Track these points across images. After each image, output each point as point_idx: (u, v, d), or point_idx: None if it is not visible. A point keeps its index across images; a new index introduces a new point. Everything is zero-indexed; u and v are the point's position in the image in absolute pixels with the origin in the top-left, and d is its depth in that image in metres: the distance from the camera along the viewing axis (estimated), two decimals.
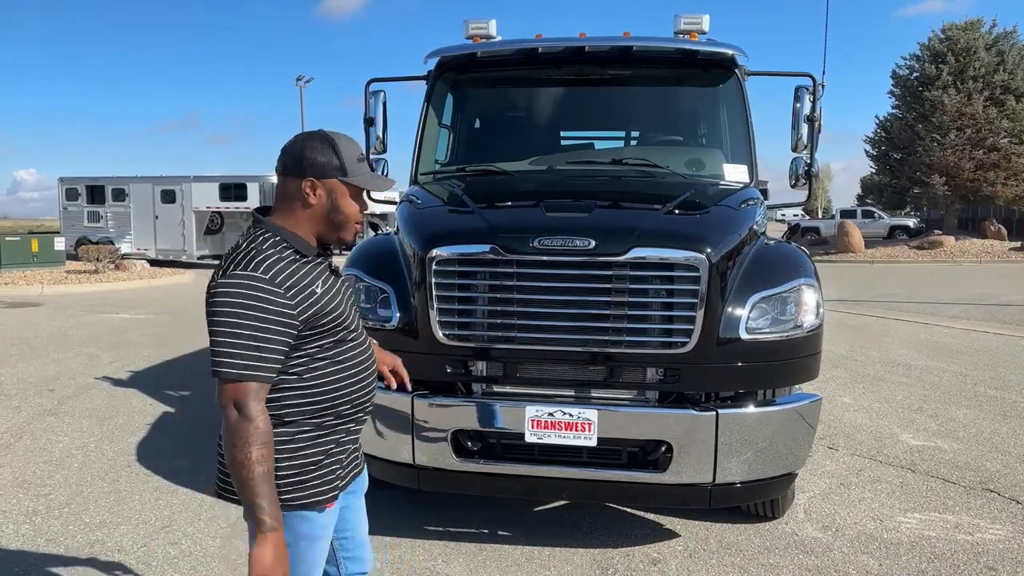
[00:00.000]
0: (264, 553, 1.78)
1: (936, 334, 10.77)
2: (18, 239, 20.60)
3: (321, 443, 1.99)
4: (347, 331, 2.02)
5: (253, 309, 1.80)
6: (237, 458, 1.78)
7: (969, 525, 4.20)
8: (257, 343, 1.80)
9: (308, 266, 1.94)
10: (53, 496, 4.62)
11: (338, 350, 1.99)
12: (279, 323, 1.83)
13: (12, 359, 8.87)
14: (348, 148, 1.97)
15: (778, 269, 3.76)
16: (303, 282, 1.89)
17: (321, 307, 1.92)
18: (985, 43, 32.73)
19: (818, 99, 4.76)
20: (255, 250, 1.88)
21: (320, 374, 1.96)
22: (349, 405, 2.03)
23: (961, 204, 35.84)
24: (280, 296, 1.83)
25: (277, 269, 1.86)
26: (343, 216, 1.98)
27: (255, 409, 1.80)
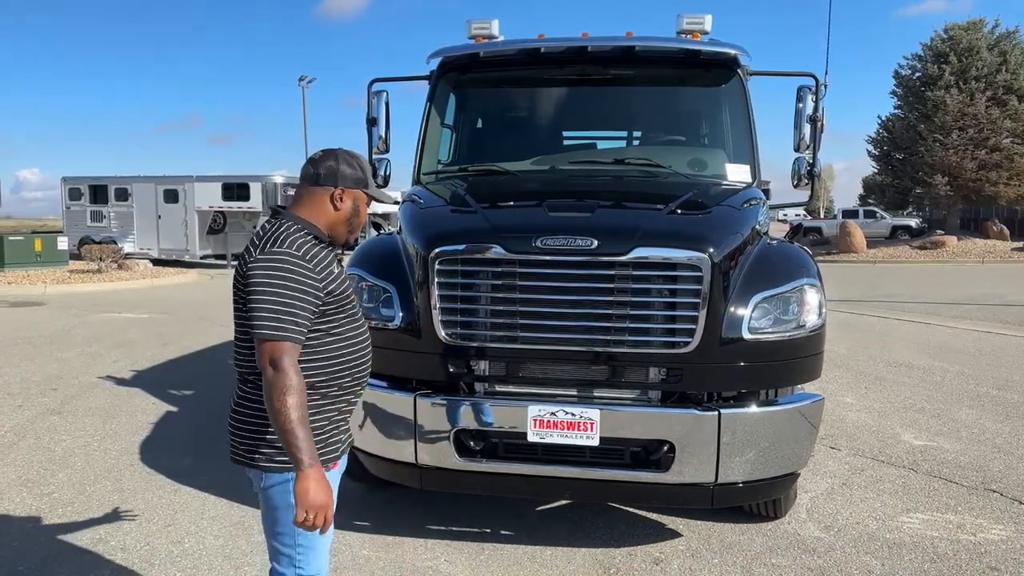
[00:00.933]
0: (306, 486, 2.03)
1: (938, 334, 10.76)
2: (21, 239, 20.64)
3: (326, 411, 2.28)
4: (352, 310, 2.35)
5: (289, 280, 2.12)
6: (275, 407, 2.04)
7: (971, 525, 4.20)
8: (291, 308, 2.11)
9: (325, 250, 2.30)
10: (56, 495, 4.63)
11: (345, 328, 2.31)
12: (309, 292, 2.15)
13: (15, 358, 8.89)
14: (367, 166, 2.40)
15: (780, 269, 3.77)
16: (324, 260, 2.25)
17: (337, 284, 2.26)
18: (988, 43, 32.70)
19: (820, 99, 4.76)
20: (284, 232, 2.21)
21: (331, 348, 2.27)
22: (350, 377, 2.33)
23: (963, 204, 35.79)
24: (310, 270, 2.16)
25: (306, 248, 2.20)
26: (359, 220, 2.38)
27: (288, 364, 2.07)
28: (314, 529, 2.09)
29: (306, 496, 2.04)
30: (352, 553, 3.82)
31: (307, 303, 2.15)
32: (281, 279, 2.11)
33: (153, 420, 6.30)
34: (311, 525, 2.07)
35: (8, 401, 6.90)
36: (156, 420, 6.31)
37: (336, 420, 2.33)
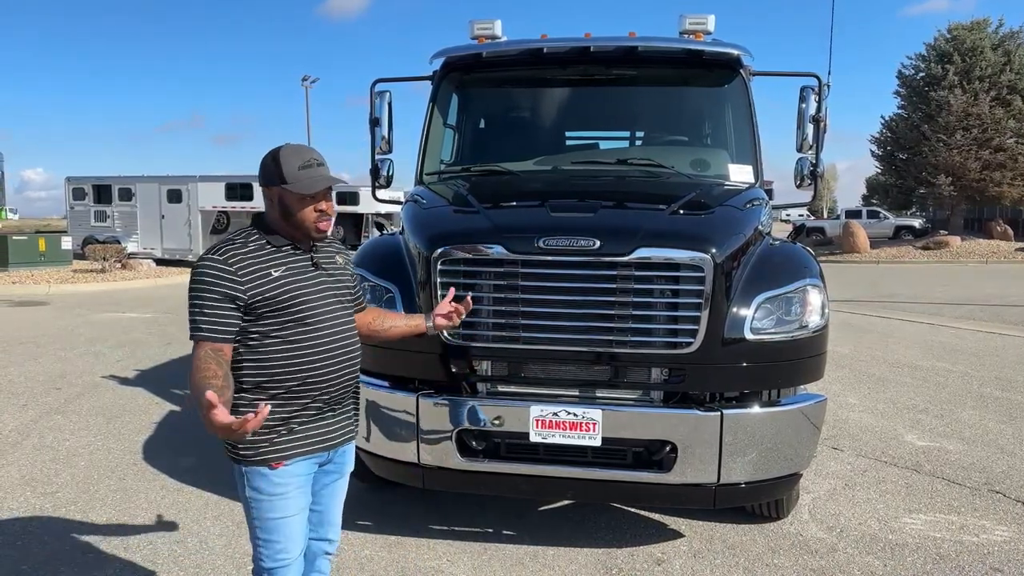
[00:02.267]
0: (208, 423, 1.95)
1: (942, 335, 10.74)
2: (25, 238, 20.70)
3: (273, 411, 2.26)
4: (307, 315, 2.31)
5: (204, 283, 2.21)
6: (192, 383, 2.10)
7: (975, 526, 4.19)
8: (204, 309, 2.19)
9: (276, 255, 2.30)
10: (60, 494, 4.64)
11: (289, 332, 2.29)
12: (222, 294, 2.19)
13: (19, 358, 8.91)
14: (291, 158, 2.29)
15: (783, 269, 3.76)
16: (257, 264, 2.25)
17: (272, 287, 2.25)
18: (992, 43, 32.63)
19: (823, 99, 4.75)
20: (227, 239, 2.31)
21: (270, 351, 2.28)
22: (298, 382, 2.31)
23: (967, 204, 35.71)
24: (228, 273, 2.20)
25: (232, 252, 2.24)
26: (297, 218, 2.31)
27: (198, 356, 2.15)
28: None
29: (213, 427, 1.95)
30: (354, 553, 3.83)
31: (220, 304, 2.19)
32: (197, 282, 2.22)
33: (156, 420, 6.32)
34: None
35: (12, 400, 6.92)
36: (159, 420, 6.32)
37: (286, 421, 2.32)
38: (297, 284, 2.30)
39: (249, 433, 1.96)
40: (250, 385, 2.28)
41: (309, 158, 2.30)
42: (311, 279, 2.35)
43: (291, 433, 2.33)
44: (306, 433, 2.37)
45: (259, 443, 2.29)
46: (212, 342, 2.18)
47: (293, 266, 2.32)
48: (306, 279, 2.33)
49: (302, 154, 2.31)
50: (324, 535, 2.63)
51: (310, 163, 2.29)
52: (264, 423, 2.18)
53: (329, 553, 2.67)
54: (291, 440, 2.34)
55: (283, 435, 2.32)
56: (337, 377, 2.38)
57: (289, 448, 2.33)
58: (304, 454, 2.37)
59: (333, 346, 2.36)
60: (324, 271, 2.41)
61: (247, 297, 2.22)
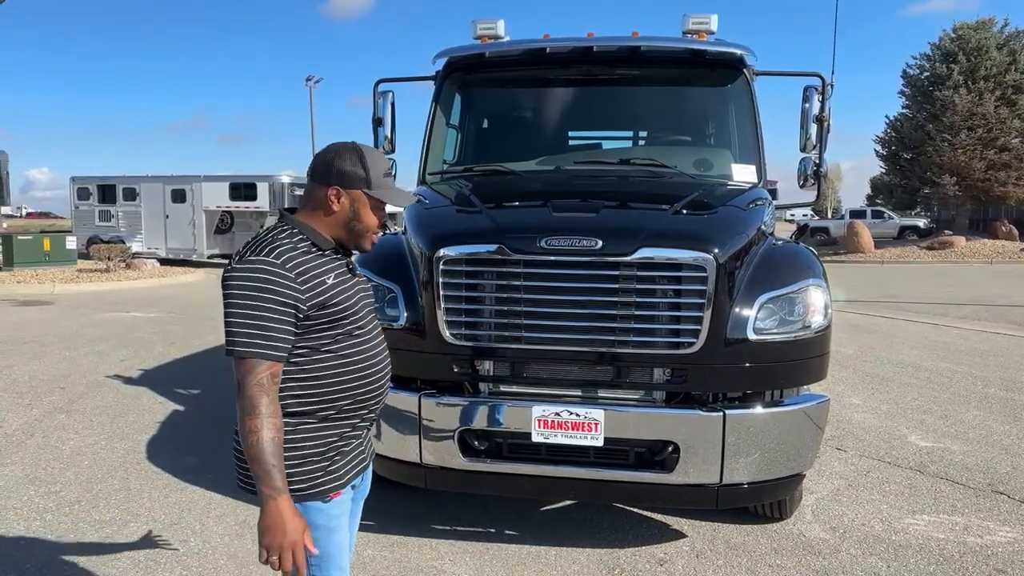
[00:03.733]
0: (265, 523, 1.87)
1: (946, 335, 10.71)
2: (30, 238, 20.77)
3: (323, 436, 2.06)
4: (355, 327, 2.08)
5: (262, 291, 1.91)
6: (242, 429, 1.89)
7: (978, 527, 4.18)
8: (262, 323, 1.90)
9: (323, 259, 2.05)
10: (63, 493, 4.65)
11: (341, 345, 2.05)
12: (286, 305, 1.93)
13: (24, 357, 8.94)
14: (376, 162, 2.09)
15: (786, 269, 3.75)
16: (313, 271, 1.99)
17: (330, 296, 2.00)
18: (997, 42, 32.52)
19: (827, 99, 4.74)
20: (271, 239, 2.02)
21: (321, 367, 2.03)
22: (351, 400, 2.08)
23: (972, 204, 35.61)
24: (289, 280, 1.93)
25: (288, 256, 1.97)
26: (362, 226, 2.10)
27: (252, 383, 1.89)
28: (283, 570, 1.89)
29: (264, 534, 1.87)
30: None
31: (282, 317, 1.92)
32: (254, 290, 1.91)
33: (160, 419, 6.33)
34: (276, 566, 1.88)
35: (16, 400, 6.94)
36: (163, 419, 6.34)
37: (337, 446, 2.09)
38: (347, 292, 2.07)
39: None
40: (296, 408, 2.01)
41: (391, 166, 2.17)
42: (353, 286, 2.12)
43: (343, 457, 2.11)
44: (353, 456, 2.16)
45: (312, 473, 2.03)
46: (271, 361, 1.91)
47: (340, 273, 2.07)
48: (351, 286, 2.10)
49: (385, 161, 2.15)
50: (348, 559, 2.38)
51: (392, 172, 2.15)
52: (316, 449, 2.04)
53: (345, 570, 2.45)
54: (344, 465, 2.11)
55: (337, 461, 2.09)
56: (381, 391, 2.18)
57: (344, 474, 2.11)
58: (354, 477, 2.17)
59: (378, 358, 2.16)
60: (359, 277, 2.20)
61: (306, 307, 1.96)
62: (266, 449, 1.86)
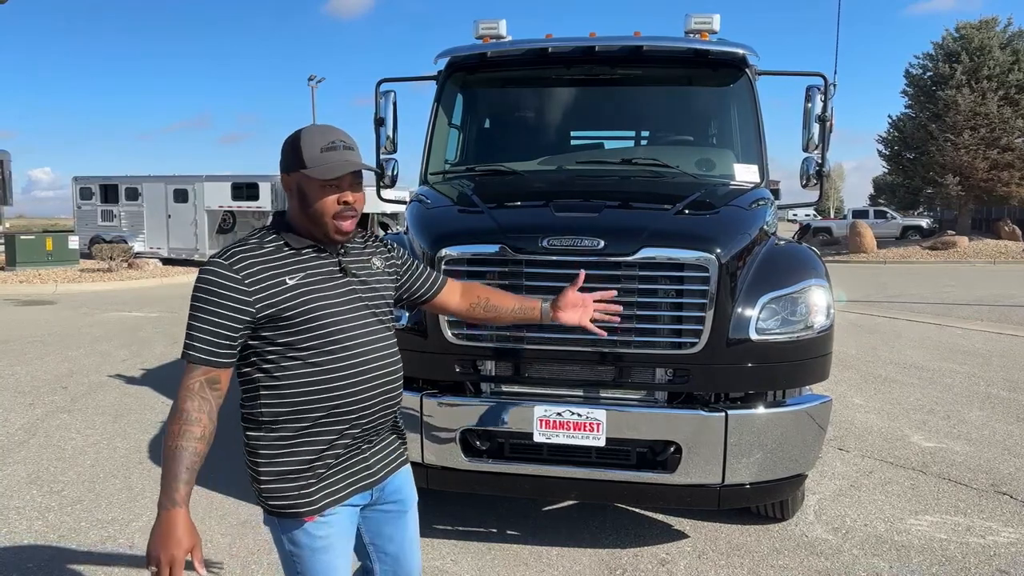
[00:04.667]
0: (153, 529, 1.79)
1: (949, 335, 10.69)
2: (33, 238, 20.78)
3: (299, 451, 1.95)
4: (327, 331, 1.93)
5: (207, 293, 1.86)
6: (166, 432, 1.84)
7: (981, 528, 4.17)
8: (204, 325, 1.85)
9: (294, 258, 1.94)
10: (66, 493, 4.66)
11: (311, 352, 1.92)
12: (228, 308, 1.85)
13: (26, 356, 8.95)
14: (313, 138, 1.93)
15: (788, 270, 3.75)
16: (270, 271, 1.89)
17: (288, 298, 1.89)
18: (1000, 42, 32.44)
19: (829, 98, 4.73)
20: (239, 242, 1.96)
21: (292, 375, 1.92)
22: (324, 412, 1.94)
23: (975, 204, 35.53)
24: (234, 281, 1.85)
25: (241, 257, 1.89)
26: (314, 210, 1.93)
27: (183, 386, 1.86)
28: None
29: (151, 542, 1.77)
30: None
31: (223, 321, 1.84)
32: (201, 292, 1.86)
33: (162, 419, 6.33)
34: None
35: (19, 399, 6.96)
36: (165, 418, 6.33)
37: (315, 466, 1.95)
38: (318, 294, 1.92)
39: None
40: (268, 418, 1.93)
41: (335, 139, 1.93)
42: (337, 288, 1.96)
43: (320, 478, 1.96)
44: (340, 473, 2.00)
45: (287, 491, 1.94)
46: (207, 366, 1.85)
47: (315, 272, 1.94)
48: (330, 288, 1.95)
49: (327, 134, 1.93)
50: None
51: (335, 144, 1.92)
52: (292, 467, 1.94)
53: None
54: (325, 486, 1.97)
55: (313, 482, 1.95)
56: (372, 404, 2.00)
57: (324, 496, 1.97)
58: (342, 499, 2.01)
59: (365, 366, 1.98)
60: (355, 278, 2.02)
61: (255, 311, 1.85)
62: (175, 457, 1.78)
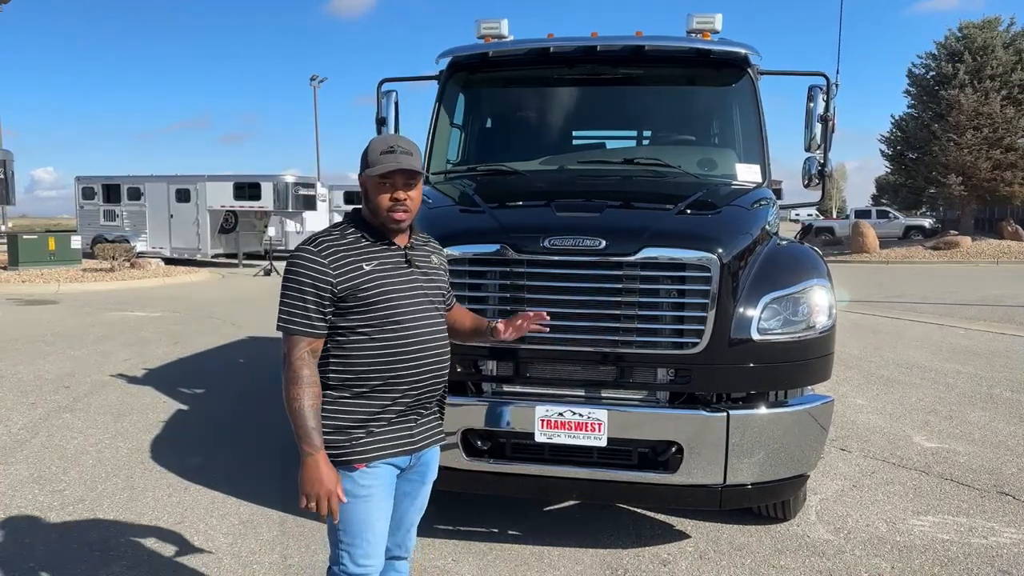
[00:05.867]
0: (303, 474, 2.17)
1: (951, 335, 10.67)
2: (35, 237, 20.82)
3: (357, 410, 2.28)
4: (391, 313, 2.26)
5: (300, 275, 2.20)
6: (285, 396, 2.18)
7: (983, 528, 4.16)
8: (296, 302, 2.20)
9: (370, 248, 2.28)
10: (68, 492, 4.66)
11: (375, 329, 2.25)
12: (319, 286, 2.19)
13: (29, 356, 8.97)
14: (377, 145, 2.27)
15: (790, 270, 3.74)
16: (350, 257, 2.24)
17: (363, 282, 2.22)
18: (1003, 42, 32.39)
19: (832, 98, 4.73)
20: (323, 231, 2.31)
21: (356, 347, 2.26)
22: (381, 381, 2.27)
23: (978, 204, 35.48)
24: (322, 265, 2.20)
25: (327, 244, 2.24)
26: (373, 205, 2.28)
27: (296, 357, 2.19)
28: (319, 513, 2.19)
29: (304, 484, 2.17)
30: None
31: (318, 299, 2.19)
32: (292, 274, 2.21)
33: (164, 418, 6.34)
34: (315, 510, 2.18)
35: (21, 399, 6.96)
36: (167, 418, 6.35)
37: (368, 423, 2.28)
38: (388, 280, 2.26)
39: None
40: (335, 382, 2.27)
41: (393, 144, 2.26)
42: (403, 276, 2.30)
43: (372, 435, 2.29)
44: (389, 435, 2.32)
45: (341, 442, 2.26)
46: (310, 338, 2.20)
47: (386, 261, 2.28)
48: (398, 275, 2.29)
49: (388, 140, 2.29)
50: (400, 541, 2.58)
51: (393, 148, 2.24)
52: (348, 422, 2.26)
53: (404, 558, 2.63)
54: (374, 441, 2.29)
55: (365, 436, 2.28)
56: (422, 378, 2.33)
57: (373, 449, 2.29)
58: (387, 456, 2.32)
59: (419, 346, 2.31)
60: (418, 269, 2.36)
61: (337, 290, 2.20)
62: (306, 414, 2.16)
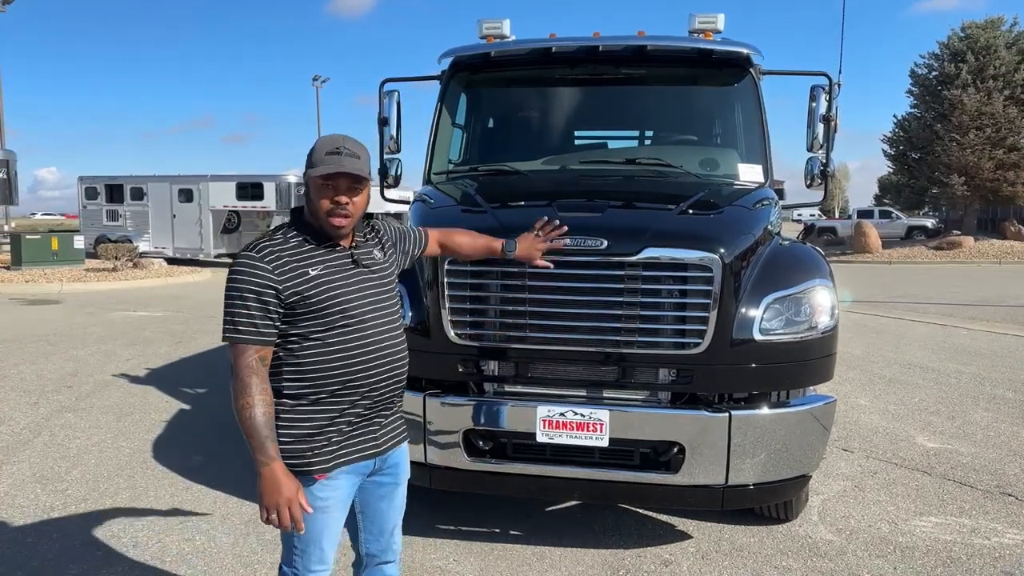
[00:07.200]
0: (261, 486, 2.10)
1: (954, 336, 10.65)
2: (39, 237, 20.85)
3: (315, 417, 2.21)
4: (343, 317, 2.20)
5: (242, 282, 2.11)
6: (234, 408, 2.10)
7: (986, 529, 4.15)
8: (248, 311, 2.10)
9: (314, 251, 2.20)
10: (70, 492, 4.67)
11: (329, 333, 2.19)
12: (265, 293, 2.11)
13: (31, 356, 8.98)
14: (323, 144, 2.18)
15: (792, 270, 3.74)
16: (295, 262, 2.16)
17: (310, 287, 2.15)
18: (1006, 41, 32.35)
19: (834, 98, 4.72)
20: (264, 235, 2.22)
21: (310, 353, 2.18)
22: (340, 386, 2.21)
23: (980, 204, 35.42)
24: (266, 271, 2.11)
25: (270, 250, 2.15)
26: (314, 205, 2.20)
27: (242, 366, 2.10)
28: (281, 527, 2.12)
29: (263, 495, 2.11)
30: None
31: (264, 305, 2.10)
32: (235, 282, 2.12)
33: (166, 418, 6.35)
34: (276, 523, 2.11)
35: (24, 398, 6.98)
36: (169, 418, 6.35)
37: (328, 430, 2.22)
38: (336, 283, 2.19)
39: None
40: (291, 390, 2.19)
41: (339, 145, 2.16)
42: (351, 277, 2.23)
43: (332, 443, 2.22)
44: (350, 441, 2.26)
45: (302, 452, 2.19)
46: (257, 345, 2.11)
47: (332, 264, 2.20)
48: (345, 278, 2.22)
49: (335, 140, 2.18)
50: (385, 545, 2.53)
51: (339, 149, 2.15)
52: (307, 430, 2.19)
53: (392, 562, 2.58)
54: (335, 449, 2.23)
55: (325, 445, 2.21)
56: (382, 380, 2.27)
57: (333, 458, 2.23)
58: (349, 463, 2.27)
59: (376, 346, 2.25)
60: (366, 268, 2.29)
61: (284, 298, 2.12)
62: (259, 424, 2.07)
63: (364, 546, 2.52)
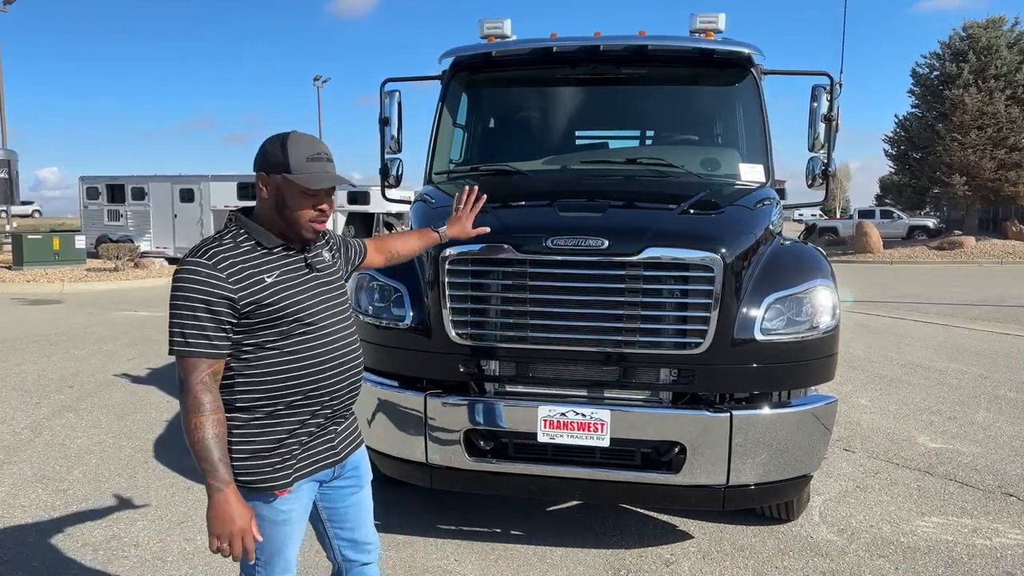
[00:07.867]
0: (211, 513, 1.97)
1: (956, 336, 10.64)
2: (40, 237, 20.86)
3: (273, 431, 2.09)
4: (302, 324, 2.10)
5: (196, 291, 1.96)
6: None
7: (988, 529, 4.15)
8: (200, 322, 1.96)
9: (267, 257, 2.08)
10: (71, 491, 4.67)
11: (288, 342, 2.08)
12: (219, 303, 1.97)
13: (33, 356, 8.99)
14: (299, 146, 2.06)
15: (794, 270, 3.74)
16: (249, 269, 2.02)
17: (267, 295, 2.03)
18: (1007, 41, 32.33)
19: (835, 98, 4.71)
20: (213, 240, 2.06)
21: (268, 363, 2.06)
22: (301, 396, 2.11)
23: (982, 204, 35.41)
24: (220, 279, 1.97)
25: (222, 255, 2.00)
26: (291, 213, 2.08)
27: (195, 381, 1.96)
28: (229, 557, 1.99)
29: (213, 523, 1.97)
30: None
31: (218, 316, 1.96)
32: (184, 290, 1.96)
33: (167, 418, 6.35)
34: (226, 553, 1.98)
35: (25, 398, 6.98)
36: (170, 418, 6.36)
37: (288, 443, 2.11)
38: (292, 290, 2.08)
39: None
40: (245, 403, 2.06)
41: (320, 151, 2.08)
42: (306, 283, 2.13)
43: (293, 457, 2.12)
44: (309, 452, 2.17)
45: (261, 468, 2.07)
46: (210, 359, 1.97)
47: (287, 269, 2.09)
48: (301, 283, 2.11)
49: (313, 145, 2.09)
50: (361, 548, 2.45)
51: (320, 156, 2.07)
52: (266, 445, 2.08)
53: (371, 562, 2.49)
54: (295, 463, 2.13)
55: (284, 458, 2.10)
56: (341, 386, 2.19)
57: (294, 472, 2.12)
58: (312, 473, 2.18)
59: (335, 353, 2.16)
60: (318, 272, 2.20)
61: (240, 307, 1.99)
62: (210, 445, 1.95)
63: (339, 553, 2.43)
